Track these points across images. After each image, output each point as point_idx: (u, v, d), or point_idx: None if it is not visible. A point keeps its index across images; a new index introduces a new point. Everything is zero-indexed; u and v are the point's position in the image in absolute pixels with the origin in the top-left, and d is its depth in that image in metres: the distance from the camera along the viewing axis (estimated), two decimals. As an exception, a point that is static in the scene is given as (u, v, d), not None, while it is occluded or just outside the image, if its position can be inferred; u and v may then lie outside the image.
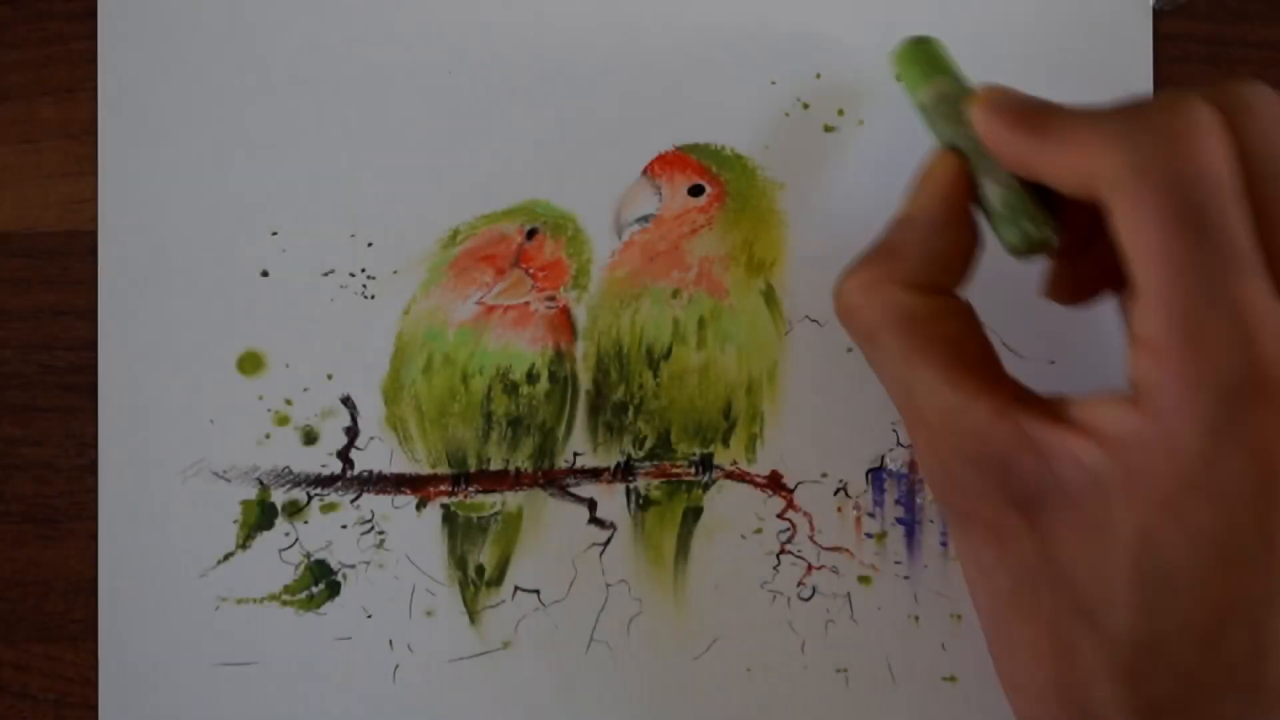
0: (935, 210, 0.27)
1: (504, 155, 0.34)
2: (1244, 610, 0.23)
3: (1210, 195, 0.22)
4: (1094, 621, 0.24)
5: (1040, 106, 0.26)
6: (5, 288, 0.34)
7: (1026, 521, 0.25)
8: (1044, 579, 0.25)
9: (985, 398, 0.25)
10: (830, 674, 0.34)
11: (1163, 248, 0.22)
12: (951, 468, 0.25)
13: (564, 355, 0.34)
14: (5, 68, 0.34)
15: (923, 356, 0.26)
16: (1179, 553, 0.23)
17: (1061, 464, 0.24)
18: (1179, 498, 0.23)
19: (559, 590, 0.34)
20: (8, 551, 0.34)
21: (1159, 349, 0.23)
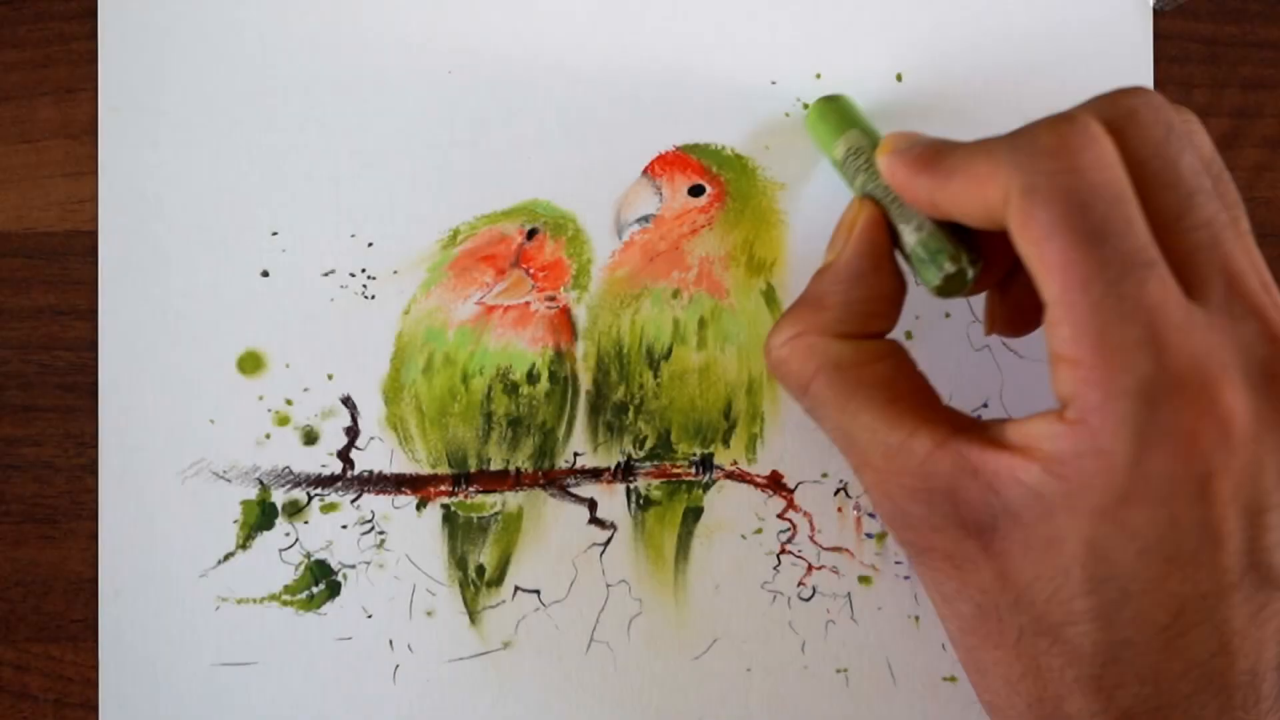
0: (856, 259, 0.28)
1: (504, 155, 0.34)
2: (1200, 607, 0.24)
3: (1101, 204, 0.23)
4: (1057, 637, 0.24)
5: (938, 147, 0.26)
6: (5, 288, 0.34)
7: (981, 547, 0.25)
8: (1005, 602, 0.25)
9: (924, 432, 0.25)
10: (830, 674, 0.34)
11: (1062, 262, 0.23)
12: (901, 505, 0.26)
13: (564, 355, 0.34)
14: (5, 68, 0.34)
15: (857, 401, 0.26)
16: (1126, 558, 0.23)
17: (1005, 486, 0.24)
18: (1117, 504, 0.23)
19: (559, 590, 0.34)
20: (8, 551, 0.34)
21: (1074, 361, 0.23)
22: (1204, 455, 0.23)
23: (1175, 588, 0.23)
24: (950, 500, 0.25)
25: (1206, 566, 0.23)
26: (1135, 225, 0.23)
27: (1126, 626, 0.24)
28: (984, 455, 0.24)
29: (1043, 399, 0.35)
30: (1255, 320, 0.24)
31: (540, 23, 0.34)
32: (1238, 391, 0.23)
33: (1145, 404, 0.23)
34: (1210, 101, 0.35)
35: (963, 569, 0.25)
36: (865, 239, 0.28)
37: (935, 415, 0.26)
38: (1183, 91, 0.34)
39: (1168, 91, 0.34)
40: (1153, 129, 0.24)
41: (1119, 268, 0.23)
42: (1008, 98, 0.34)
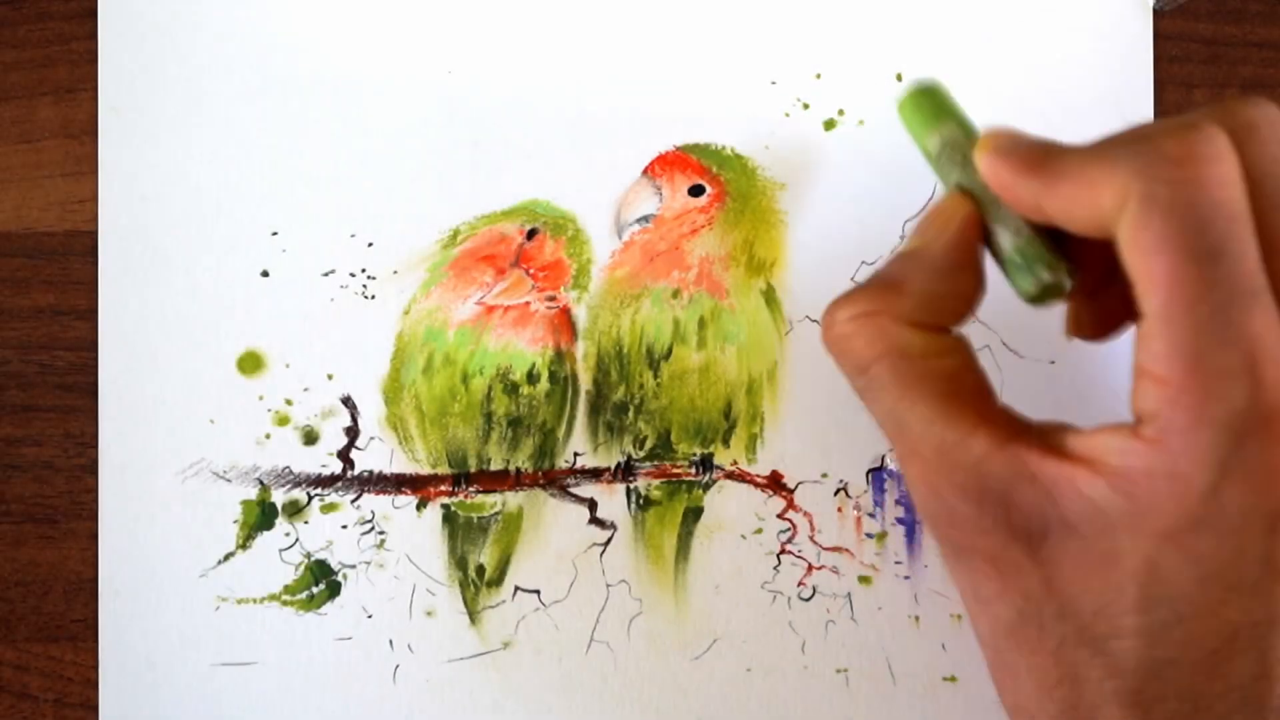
0: (943, 250, 0.27)
1: (504, 155, 0.34)
2: (1249, 635, 0.24)
3: (1220, 223, 0.22)
4: (1100, 649, 0.24)
5: (1047, 148, 0.25)
6: (5, 288, 0.34)
7: (1029, 553, 0.25)
8: (1049, 610, 0.25)
9: (983, 431, 0.25)
10: (830, 674, 0.34)
11: (1171, 278, 0.22)
12: (949, 502, 0.25)
13: (564, 355, 0.34)
14: (5, 68, 0.34)
15: (918, 391, 0.25)
16: (1184, 582, 0.23)
17: (1064, 496, 0.24)
18: (1184, 529, 0.23)
19: (559, 590, 0.34)
20: (8, 551, 0.34)
21: (1166, 381, 0.23)
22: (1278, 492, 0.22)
23: (1230, 615, 0.23)
24: (1003, 504, 0.24)
25: (1264, 596, 0.23)
26: (1249, 250, 0.22)
27: (1174, 647, 0.24)
28: (1044, 462, 0.24)
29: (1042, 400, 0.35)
30: None
31: (540, 23, 0.34)
32: None
33: (1233, 436, 0.22)
34: (1210, 101, 0.35)
35: (1005, 573, 0.25)
36: (962, 235, 0.27)
37: (995, 416, 0.25)
38: (1183, 91, 0.34)
39: (1168, 91, 0.34)
40: (1273, 145, 0.23)
41: (1228, 292, 0.22)
42: (1008, 98, 0.34)
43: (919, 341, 0.26)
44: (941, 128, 0.29)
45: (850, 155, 0.34)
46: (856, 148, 0.34)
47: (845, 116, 0.34)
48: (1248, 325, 0.22)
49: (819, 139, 0.34)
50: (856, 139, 0.34)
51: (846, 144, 0.34)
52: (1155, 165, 0.23)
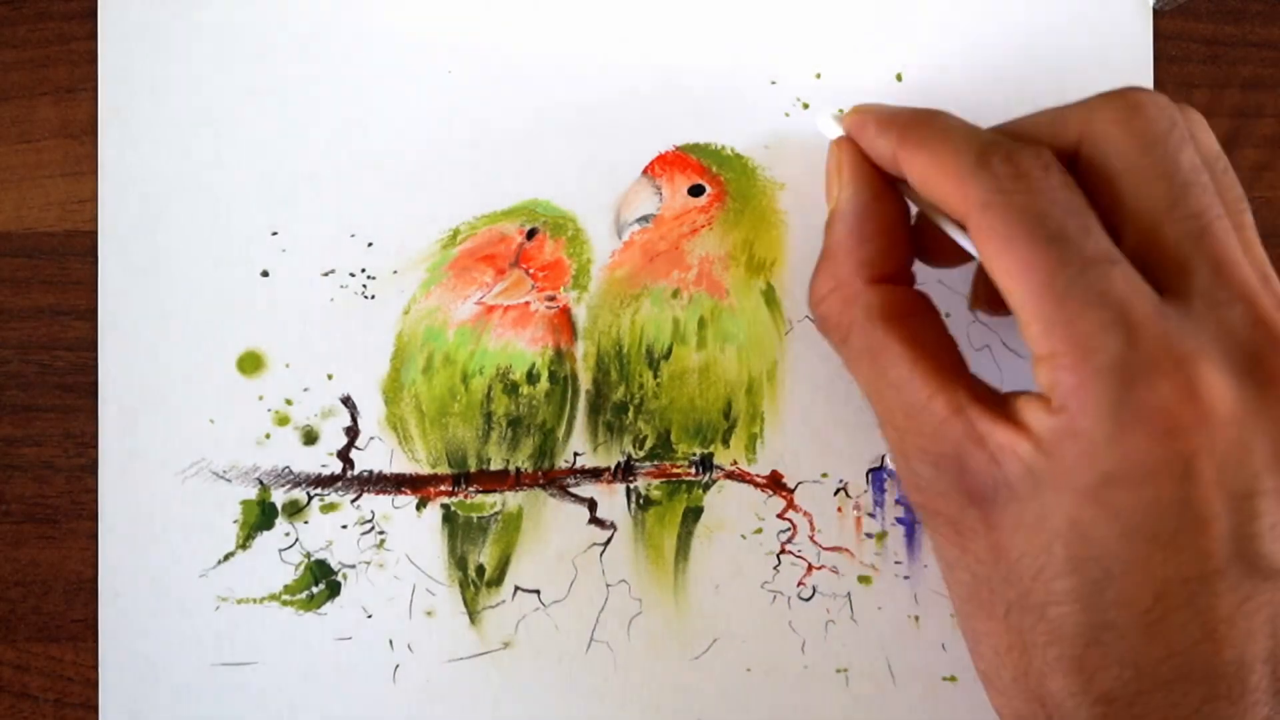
0: (854, 196, 0.29)
1: (504, 155, 0.34)
2: (1182, 592, 0.24)
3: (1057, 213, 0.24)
4: (1041, 615, 0.25)
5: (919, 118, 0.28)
6: (5, 288, 0.34)
7: (982, 517, 0.25)
8: (998, 574, 0.25)
9: (942, 395, 0.26)
10: (830, 674, 0.34)
11: (1023, 263, 0.24)
12: (915, 465, 0.26)
13: (564, 355, 0.34)
14: (5, 68, 0.34)
15: (886, 357, 0.27)
16: (1109, 539, 0.24)
17: (1006, 459, 0.25)
18: (1099, 484, 0.23)
19: (559, 590, 0.34)
20: (8, 551, 0.34)
21: (1049, 354, 0.24)
22: (1183, 435, 0.23)
23: (1157, 570, 0.24)
24: (958, 467, 0.25)
25: (1189, 550, 0.23)
26: (1094, 232, 0.24)
27: (1108, 609, 0.24)
28: (992, 426, 0.25)
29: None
30: (1242, 305, 0.24)
31: (540, 22, 0.34)
32: (1217, 373, 0.23)
33: (1119, 383, 0.23)
34: (1210, 101, 0.35)
35: (964, 536, 0.26)
36: (857, 174, 0.29)
37: (956, 380, 0.26)
38: (1183, 91, 0.34)
39: (1168, 91, 0.34)
40: (1158, 122, 0.25)
41: (1080, 264, 0.24)
42: (1008, 98, 0.34)
43: (879, 297, 0.27)
44: None
45: (850, 155, 0.34)
46: (856, 148, 0.34)
47: (845, 116, 0.34)
48: (1108, 285, 0.23)
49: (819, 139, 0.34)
50: (856, 139, 0.34)
51: (846, 144, 0.34)
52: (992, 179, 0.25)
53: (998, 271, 0.25)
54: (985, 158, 0.25)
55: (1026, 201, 0.24)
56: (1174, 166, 0.25)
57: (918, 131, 0.27)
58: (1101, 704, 0.24)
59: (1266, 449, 0.23)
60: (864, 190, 0.29)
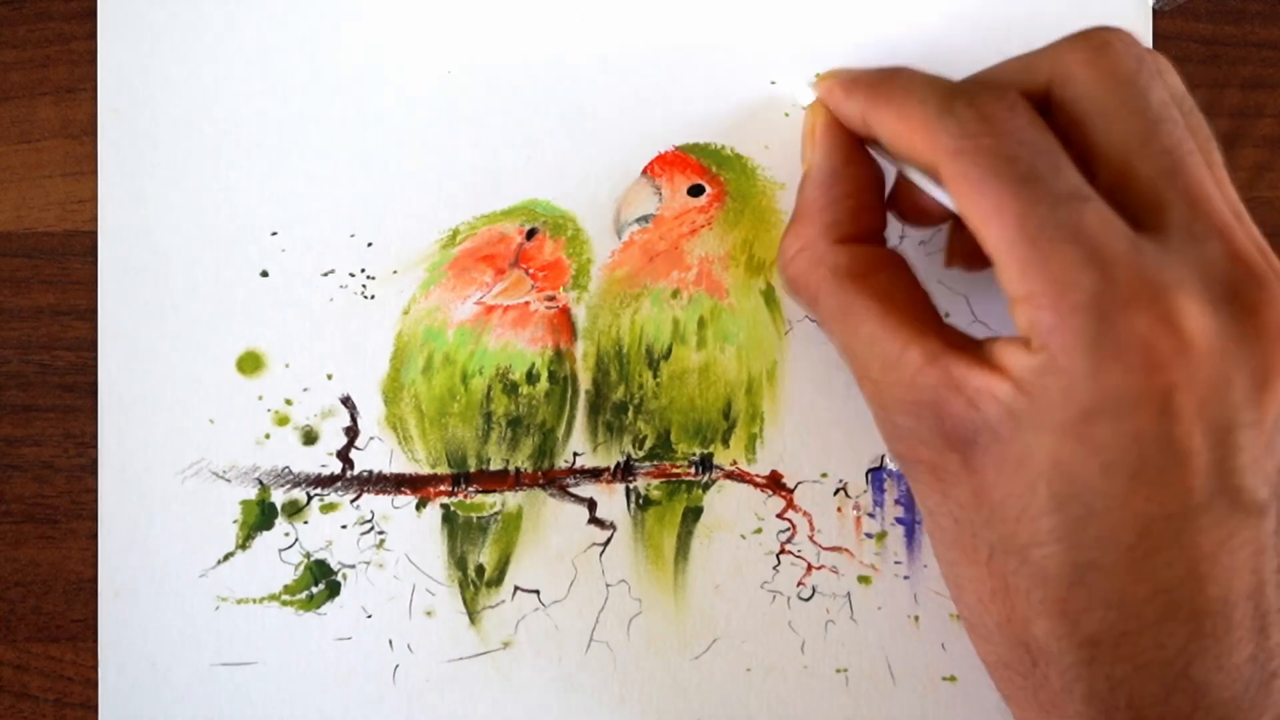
0: (827, 158, 0.29)
1: (504, 155, 0.34)
2: (1165, 528, 0.24)
3: (1026, 154, 0.24)
4: (1025, 558, 0.25)
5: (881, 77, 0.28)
6: (5, 288, 0.34)
7: (962, 461, 0.25)
8: (980, 517, 0.25)
9: (916, 346, 0.26)
10: (830, 674, 0.34)
11: (995, 205, 0.24)
12: (893, 415, 0.27)
13: (564, 355, 0.34)
14: (5, 68, 0.34)
15: (857, 312, 0.27)
16: (1091, 475, 0.24)
17: (984, 402, 0.25)
18: (1080, 420, 0.23)
19: (559, 590, 0.34)
20: (8, 551, 0.34)
21: (1027, 295, 0.24)
22: (1162, 368, 0.23)
23: (1140, 506, 0.23)
24: (936, 414, 0.25)
25: (1172, 485, 0.23)
26: (1064, 170, 0.24)
27: (1091, 547, 0.24)
28: (968, 372, 0.25)
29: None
30: (1218, 240, 0.24)
31: (540, 22, 0.34)
32: (1195, 306, 0.23)
33: (1097, 318, 0.23)
34: (1210, 101, 0.35)
35: (945, 482, 0.26)
36: (829, 137, 0.29)
37: (930, 330, 0.26)
38: (1183, 91, 0.34)
39: (1168, 91, 0.34)
40: (1125, 60, 0.26)
41: (1051, 202, 0.24)
42: (1007, 97, 0.34)
43: (846, 257, 0.28)
44: None
45: (850, 155, 0.34)
46: (856, 148, 0.34)
47: (845, 116, 0.34)
48: (1080, 222, 0.23)
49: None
50: (856, 139, 0.34)
51: (846, 144, 0.34)
52: (959, 125, 0.25)
53: (972, 217, 0.25)
54: (949, 105, 0.25)
55: (994, 144, 0.24)
56: (1144, 103, 0.25)
57: (883, 88, 0.27)
58: (1087, 646, 0.24)
59: (1245, 382, 0.23)
60: (834, 153, 0.29)
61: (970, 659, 0.33)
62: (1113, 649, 0.24)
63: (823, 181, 0.29)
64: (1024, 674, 0.26)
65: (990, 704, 0.33)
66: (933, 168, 0.26)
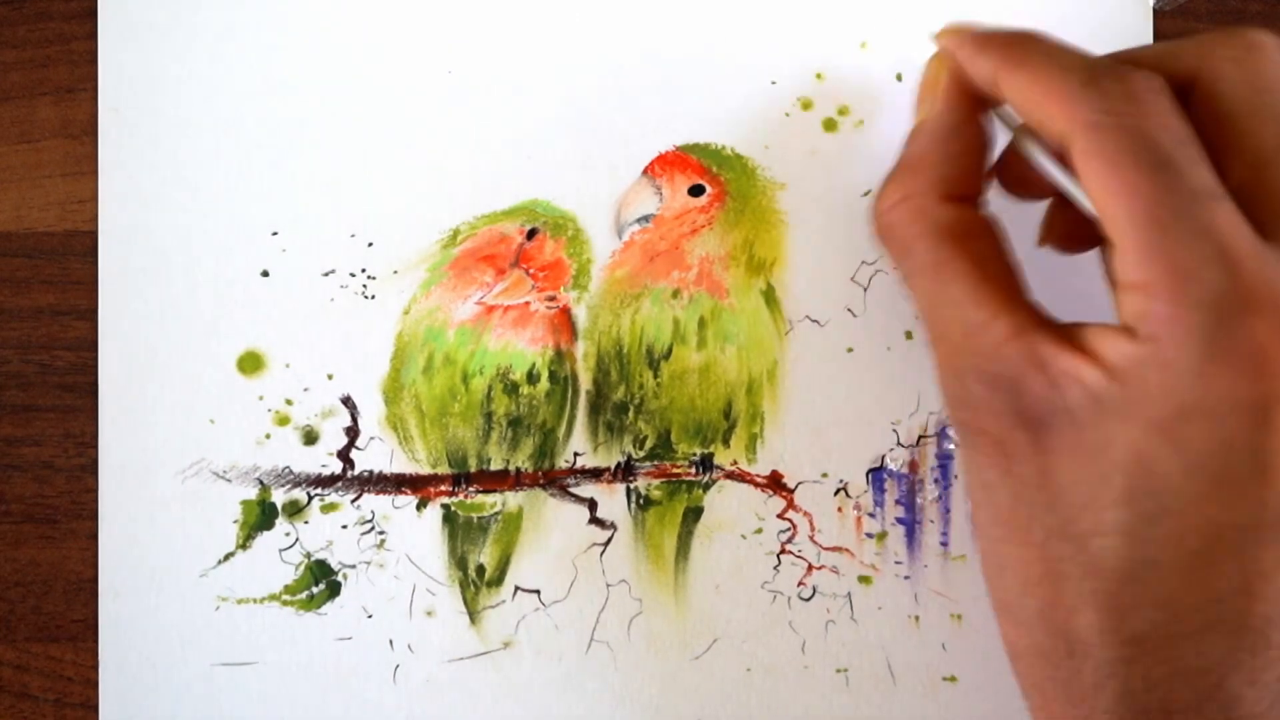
0: (948, 112, 0.28)
1: (504, 155, 0.34)
2: (1233, 539, 0.23)
3: (1166, 142, 0.24)
4: (1083, 546, 0.24)
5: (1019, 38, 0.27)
6: (5, 288, 0.34)
7: (1032, 440, 0.25)
8: (1041, 499, 0.25)
9: (1005, 317, 0.25)
10: (830, 674, 0.34)
11: (1131, 187, 0.23)
12: (967, 382, 0.26)
13: (564, 355, 0.34)
14: (5, 68, 0.34)
15: (951, 271, 0.26)
16: (1171, 474, 0.23)
17: (1068, 385, 0.24)
18: (1173, 416, 0.23)
19: (559, 590, 0.34)
20: (8, 551, 0.34)
21: (1143, 283, 0.23)
22: (1270, 377, 0.23)
23: (1213, 513, 0.23)
24: (1014, 389, 0.25)
25: (1250, 497, 0.23)
26: (1201, 165, 0.24)
27: (1155, 545, 0.24)
28: (1055, 351, 0.25)
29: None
30: None
31: (540, 22, 0.34)
32: None
33: (1215, 317, 0.23)
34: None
35: (1009, 458, 0.26)
36: (953, 90, 0.28)
37: (1019, 303, 0.26)
38: (1183, 91, 0.34)
39: (1168, 91, 0.34)
40: (1275, 64, 0.25)
41: (1187, 195, 0.23)
42: (1008, 98, 0.34)
43: (949, 215, 0.27)
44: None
45: (850, 155, 0.34)
46: (856, 148, 0.34)
47: (845, 116, 0.34)
48: (1213, 220, 0.23)
49: (819, 139, 0.34)
50: (856, 139, 0.34)
51: (846, 144, 0.34)
52: (1101, 98, 0.24)
53: (1099, 194, 0.24)
54: (1094, 78, 0.25)
55: (1137, 125, 0.24)
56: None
57: (1021, 49, 0.27)
58: (1130, 645, 0.24)
59: None
60: (957, 110, 0.28)
61: (971, 659, 0.33)
62: (1154, 651, 0.24)
63: (940, 135, 0.28)
64: (1056, 664, 0.26)
65: (990, 704, 0.33)
66: (1063, 139, 0.25)
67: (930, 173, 0.28)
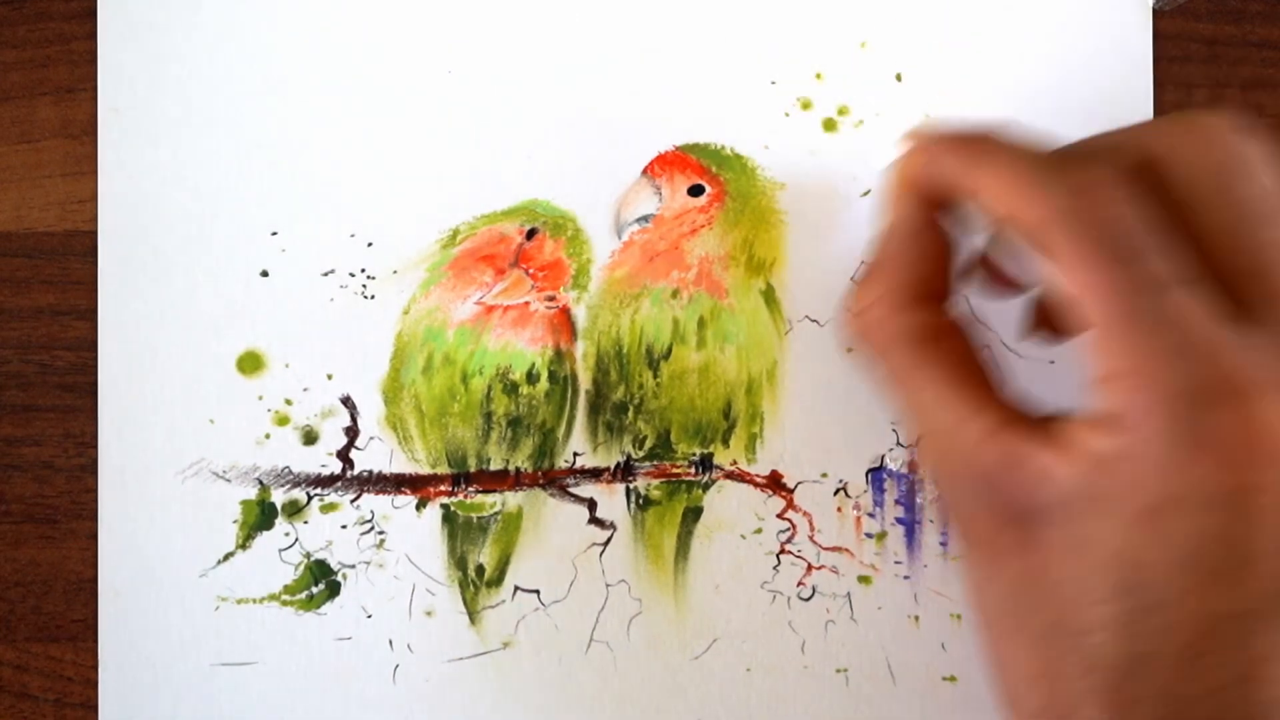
0: (911, 217, 0.28)
1: (504, 155, 0.34)
2: (1226, 629, 0.23)
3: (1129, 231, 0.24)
4: (1078, 643, 0.24)
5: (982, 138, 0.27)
6: (5, 288, 0.34)
7: (1019, 538, 0.25)
8: (1033, 597, 0.25)
9: (980, 417, 0.25)
10: (830, 674, 0.34)
11: (1095, 281, 0.24)
12: (951, 484, 0.26)
13: (564, 355, 0.34)
14: (5, 68, 0.34)
15: (924, 376, 0.27)
16: (1157, 567, 0.23)
17: (1047, 482, 0.24)
18: (1153, 509, 0.23)
19: (559, 590, 0.34)
20: (8, 551, 0.34)
21: (1117, 374, 0.23)
22: (1243, 467, 0.23)
23: (1202, 605, 0.23)
24: (994, 488, 0.25)
25: (1238, 586, 0.23)
26: (1165, 253, 0.24)
27: (1149, 639, 0.24)
28: (1030, 449, 0.25)
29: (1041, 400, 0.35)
30: None
31: (540, 22, 0.34)
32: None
33: (1185, 408, 0.23)
34: (1210, 101, 0.35)
35: (998, 557, 0.26)
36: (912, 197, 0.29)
37: (992, 402, 0.26)
38: (1183, 92, 0.34)
39: (1167, 91, 0.34)
40: (1230, 146, 0.25)
41: (1153, 284, 0.23)
42: (1008, 98, 0.34)
43: (918, 319, 0.27)
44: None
45: (850, 155, 0.34)
46: (856, 148, 0.34)
47: (845, 116, 0.34)
48: (1178, 309, 0.23)
49: (819, 139, 0.34)
50: (856, 139, 0.34)
51: (846, 144, 0.34)
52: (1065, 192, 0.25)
53: (1067, 287, 0.24)
54: (1057, 169, 0.25)
55: (1099, 217, 0.24)
56: (1246, 193, 0.25)
57: (983, 146, 0.27)
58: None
59: None
60: (920, 212, 0.28)
61: (970, 659, 0.33)
62: None
63: (903, 238, 0.28)
64: None
65: (990, 704, 0.33)
66: (1029, 231, 0.25)
67: (898, 276, 0.28)
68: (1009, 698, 0.27)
